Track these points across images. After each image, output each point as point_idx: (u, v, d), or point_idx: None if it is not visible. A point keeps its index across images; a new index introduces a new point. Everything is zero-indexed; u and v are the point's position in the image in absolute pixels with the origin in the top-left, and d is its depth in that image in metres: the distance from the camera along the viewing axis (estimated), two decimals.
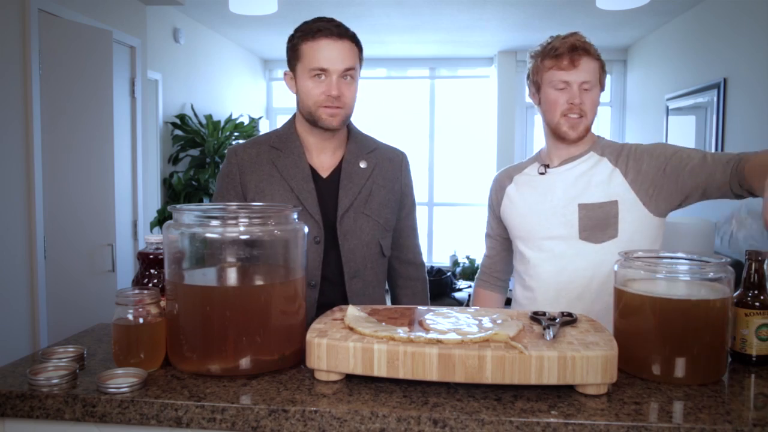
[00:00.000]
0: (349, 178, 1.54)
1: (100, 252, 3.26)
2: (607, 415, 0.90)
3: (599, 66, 1.48)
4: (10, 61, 2.72)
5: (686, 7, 4.68)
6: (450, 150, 7.08)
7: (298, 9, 4.65)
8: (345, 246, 1.51)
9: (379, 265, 1.59)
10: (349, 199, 1.52)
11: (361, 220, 1.53)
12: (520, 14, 5.00)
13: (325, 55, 1.43)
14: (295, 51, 1.47)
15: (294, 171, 1.51)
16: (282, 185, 1.50)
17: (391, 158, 1.63)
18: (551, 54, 1.47)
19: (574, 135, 1.48)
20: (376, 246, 1.56)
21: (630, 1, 3.47)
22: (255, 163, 1.53)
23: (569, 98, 1.45)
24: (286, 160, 1.52)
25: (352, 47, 1.47)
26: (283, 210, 1.14)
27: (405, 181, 1.65)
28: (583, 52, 1.45)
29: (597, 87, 1.48)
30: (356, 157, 1.56)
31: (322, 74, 1.44)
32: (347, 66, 1.45)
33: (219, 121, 5.13)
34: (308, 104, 1.47)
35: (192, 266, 1.10)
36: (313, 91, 1.45)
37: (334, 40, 1.44)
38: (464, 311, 1.16)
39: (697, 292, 1.08)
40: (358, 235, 1.52)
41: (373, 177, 1.56)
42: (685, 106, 4.73)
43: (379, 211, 1.56)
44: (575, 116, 1.46)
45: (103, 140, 3.27)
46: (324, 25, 1.45)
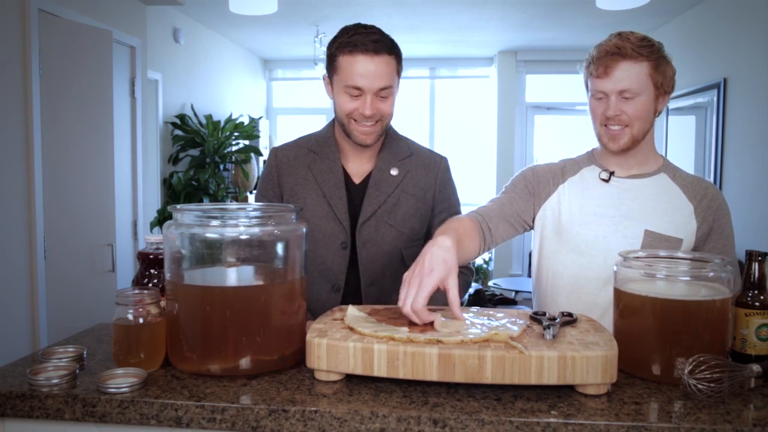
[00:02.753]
0: (376, 186, 1.51)
1: (100, 252, 3.26)
2: (607, 415, 0.90)
3: (650, 66, 1.32)
4: (10, 61, 2.72)
5: (686, 7, 4.69)
6: (450, 150, 7.05)
7: (298, 9, 4.65)
8: (363, 254, 1.50)
9: (399, 274, 1.55)
10: (372, 207, 1.50)
11: (383, 229, 1.51)
12: (520, 14, 5.00)
13: (360, 73, 1.37)
14: (332, 61, 1.43)
15: (328, 176, 1.51)
16: (315, 189, 1.50)
17: (427, 164, 1.58)
18: (589, 60, 1.37)
19: (614, 147, 1.37)
20: (398, 255, 1.53)
21: (630, 1, 3.47)
22: (292, 165, 1.54)
23: (605, 110, 1.35)
24: (322, 165, 1.52)
25: (389, 62, 1.40)
26: (283, 210, 1.14)
27: (440, 187, 1.59)
28: (619, 56, 1.31)
29: (645, 92, 1.33)
30: (388, 164, 1.53)
31: (356, 91, 1.40)
32: (383, 85, 1.39)
33: (219, 121, 5.13)
34: (341, 117, 1.46)
35: (192, 266, 1.10)
36: (346, 105, 1.42)
37: (370, 56, 1.37)
38: (467, 311, 1.16)
39: (697, 292, 1.08)
40: (378, 244, 1.50)
41: (402, 185, 1.53)
42: (685, 106, 4.73)
43: (404, 220, 1.52)
44: (616, 128, 1.35)
45: (103, 140, 3.27)
46: (361, 39, 1.38)
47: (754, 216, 3.72)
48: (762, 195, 3.62)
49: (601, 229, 1.40)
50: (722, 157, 4.13)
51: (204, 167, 4.86)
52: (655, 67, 1.33)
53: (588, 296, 1.41)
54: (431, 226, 1.57)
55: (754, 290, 1.10)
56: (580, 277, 1.42)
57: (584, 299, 1.42)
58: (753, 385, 1.03)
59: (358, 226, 1.49)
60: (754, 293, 1.10)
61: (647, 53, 1.32)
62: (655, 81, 1.34)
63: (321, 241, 1.49)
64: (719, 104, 4.14)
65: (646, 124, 1.37)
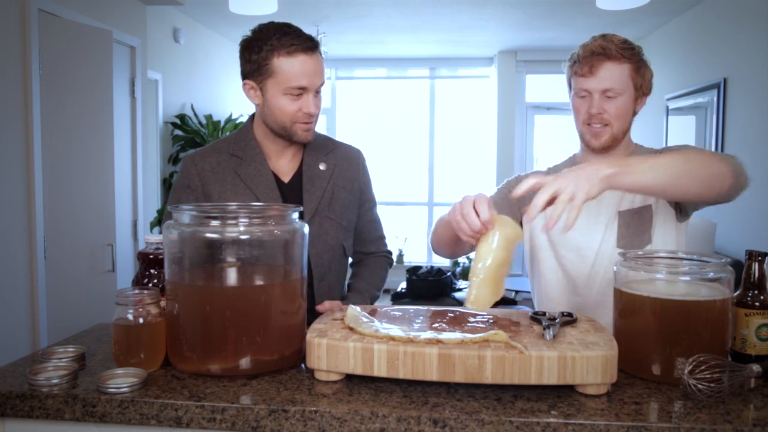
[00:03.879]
0: (311, 181, 1.51)
1: (100, 252, 3.26)
2: (607, 415, 0.90)
3: (631, 68, 1.36)
4: (10, 61, 2.72)
5: (686, 7, 4.69)
6: (450, 150, 7.08)
7: (298, 9, 4.65)
8: (312, 250, 1.48)
9: (341, 266, 1.59)
10: (313, 203, 1.50)
11: (326, 224, 1.52)
12: (520, 14, 5.00)
13: (303, 72, 1.38)
14: (264, 65, 1.40)
15: (258, 179, 1.48)
16: (246, 193, 1.47)
17: (349, 157, 1.60)
18: (573, 59, 1.41)
19: (597, 144, 1.40)
20: (340, 248, 1.55)
21: (630, 1, 3.47)
22: (217, 172, 1.49)
23: (588, 107, 1.38)
24: (249, 168, 1.49)
25: (321, 59, 1.43)
26: (283, 210, 1.14)
27: (363, 179, 1.62)
28: (604, 57, 1.35)
29: (626, 93, 1.37)
30: (315, 159, 1.54)
31: (299, 91, 1.39)
32: (322, 81, 1.43)
33: (219, 121, 5.13)
34: (282, 120, 1.43)
35: (192, 266, 1.10)
36: (288, 108, 1.41)
37: (309, 55, 1.39)
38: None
39: (697, 292, 1.08)
40: (323, 239, 1.51)
41: (333, 179, 1.54)
42: (685, 106, 4.73)
43: (342, 212, 1.55)
44: (598, 126, 1.39)
45: (103, 140, 3.27)
46: (297, 39, 1.38)
47: (754, 216, 3.72)
48: (762, 195, 3.62)
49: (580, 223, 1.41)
50: None
51: None
52: (636, 69, 1.38)
53: (578, 294, 1.44)
54: (359, 217, 1.61)
55: (754, 290, 1.10)
56: (569, 275, 1.45)
57: (573, 299, 1.45)
58: (753, 385, 1.03)
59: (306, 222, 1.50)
60: (754, 293, 1.10)
61: (629, 55, 1.37)
62: (635, 82, 1.38)
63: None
64: (719, 104, 4.14)
65: (625, 123, 1.41)
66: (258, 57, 1.41)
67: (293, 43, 1.37)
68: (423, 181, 6.99)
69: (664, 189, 1.18)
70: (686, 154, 1.20)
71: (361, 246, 1.65)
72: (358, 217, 1.61)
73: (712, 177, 1.18)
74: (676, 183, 1.16)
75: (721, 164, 1.20)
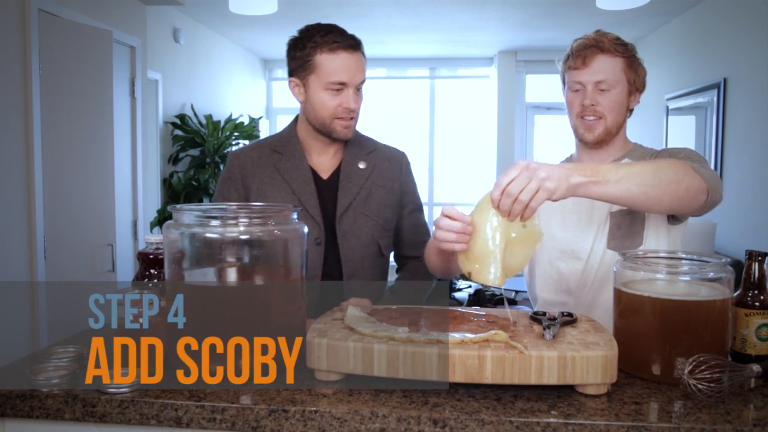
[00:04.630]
0: (348, 178, 1.55)
1: (100, 252, 3.26)
2: (607, 415, 0.90)
3: (624, 63, 1.37)
4: (10, 61, 2.72)
5: (686, 7, 4.69)
6: (450, 150, 7.08)
7: (298, 9, 4.65)
8: (344, 245, 1.53)
9: (377, 265, 1.60)
10: (348, 199, 1.53)
11: (360, 220, 1.54)
12: (520, 14, 5.00)
13: (344, 68, 1.44)
14: (307, 61, 1.46)
15: (295, 173, 1.53)
16: (283, 187, 1.52)
17: (390, 158, 1.64)
18: (567, 54, 1.42)
19: (590, 137, 1.41)
20: (375, 245, 1.57)
21: (630, 1, 3.47)
22: (257, 165, 1.55)
23: (581, 100, 1.39)
24: (288, 163, 1.54)
25: (363, 58, 1.49)
26: (283, 210, 1.14)
27: (404, 180, 1.65)
28: (597, 49, 1.36)
29: (619, 86, 1.38)
30: (355, 158, 1.58)
31: (339, 86, 1.45)
32: (363, 79, 1.48)
33: (219, 121, 5.13)
34: (322, 116, 1.48)
35: (192, 266, 1.10)
36: (329, 103, 1.47)
37: (351, 53, 1.46)
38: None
39: (697, 292, 1.08)
40: (357, 235, 1.54)
41: (372, 177, 1.58)
42: (685, 106, 4.73)
43: (378, 210, 1.57)
44: (591, 118, 1.39)
45: (103, 140, 3.27)
46: (339, 37, 1.45)
47: (754, 216, 3.72)
48: (762, 195, 3.63)
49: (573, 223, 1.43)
50: (722, 157, 4.13)
51: (204, 167, 4.86)
52: (629, 65, 1.39)
53: (571, 294, 1.45)
54: (401, 218, 1.63)
55: (754, 290, 1.10)
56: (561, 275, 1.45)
57: (566, 299, 1.45)
58: (753, 385, 1.03)
59: (338, 217, 1.52)
60: (754, 293, 1.10)
61: (622, 50, 1.38)
62: (628, 77, 1.39)
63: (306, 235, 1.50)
64: (719, 104, 4.14)
65: (619, 117, 1.41)
66: (302, 54, 1.47)
67: (335, 41, 1.44)
68: (423, 181, 6.99)
69: (632, 202, 1.17)
70: (661, 166, 1.18)
71: (403, 249, 1.67)
72: (400, 219, 1.63)
73: (685, 192, 1.17)
74: (647, 197, 1.14)
75: (695, 180, 1.18)
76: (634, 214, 1.39)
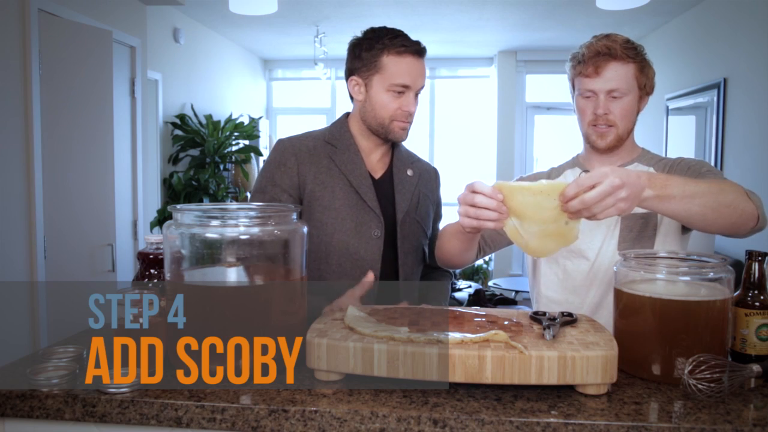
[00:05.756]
0: (402, 183, 1.57)
1: (100, 252, 3.26)
2: (607, 415, 0.90)
3: (636, 68, 1.37)
4: (10, 61, 2.72)
5: (686, 7, 4.69)
6: (450, 150, 7.08)
7: (298, 9, 4.65)
8: (402, 248, 1.53)
9: (419, 270, 1.62)
10: (405, 203, 1.55)
11: (414, 226, 1.57)
12: (520, 14, 5.00)
13: (409, 72, 1.47)
14: (373, 61, 1.48)
15: (351, 167, 1.53)
16: (341, 179, 1.51)
17: (429, 170, 1.69)
18: (577, 59, 1.41)
19: (602, 144, 1.40)
20: (422, 252, 1.60)
21: (630, 1, 3.47)
22: (313, 155, 1.54)
23: (594, 108, 1.38)
24: (343, 156, 1.54)
25: (424, 64, 1.52)
26: (283, 210, 1.14)
27: (438, 192, 1.72)
28: (609, 57, 1.35)
29: (631, 93, 1.37)
30: (404, 164, 1.61)
31: (402, 88, 1.47)
32: (423, 84, 1.51)
33: (219, 121, 5.13)
34: (382, 116, 1.49)
35: (192, 266, 1.10)
36: (390, 104, 1.48)
37: (416, 58, 1.49)
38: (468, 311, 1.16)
39: (697, 292, 1.08)
40: (411, 240, 1.56)
41: (419, 186, 1.60)
42: (685, 106, 4.73)
43: (425, 218, 1.60)
44: (603, 127, 1.39)
45: (103, 140, 3.27)
46: (407, 41, 1.48)
47: None
48: (762, 195, 3.62)
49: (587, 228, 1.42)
50: (722, 157, 4.13)
51: (204, 167, 4.86)
52: (640, 69, 1.38)
53: (577, 294, 1.45)
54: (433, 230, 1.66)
55: (754, 290, 1.10)
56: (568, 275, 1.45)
57: (572, 299, 1.45)
58: (753, 385, 1.03)
59: (399, 221, 1.53)
60: (754, 293, 1.10)
61: (633, 55, 1.37)
62: (639, 82, 1.38)
63: (352, 230, 1.50)
64: (719, 104, 4.14)
65: (629, 123, 1.41)
66: (369, 54, 1.49)
67: (404, 44, 1.47)
68: None
69: (688, 220, 1.17)
70: (723, 189, 1.16)
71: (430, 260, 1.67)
72: (433, 229, 1.66)
73: (739, 218, 1.17)
74: (704, 218, 1.14)
75: (749, 206, 1.18)
76: (647, 219, 1.39)
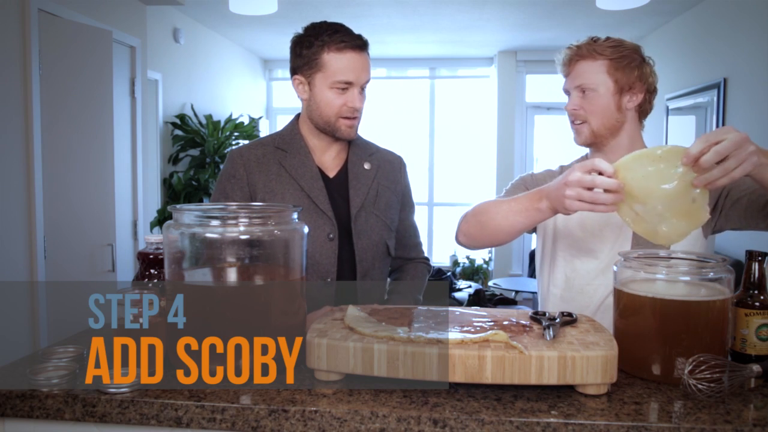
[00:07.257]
0: (356, 178, 1.55)
1: (100, 252, 3.26)
2: (607, 415, 0.90)
3: (608, 64, 1.37)
4: (10, 61, 2.72)
5: (686, 7, 4.68)
6: (450, 150, 7.08)
7: (298, 9, 4.65)
8: (358, 245, 1.52)
9: (384, 265, 1.61)
10: (360, 198, 1.54)
11: (371, 220, 1.55)
12: (520, 14, 5.00)
13: (351, 68, 1.45)
14: (314, 59, 1.46)
15: (302, 170, 1.52)
16: (291, 184, 1.51)
17: (391, 161, 1.66)
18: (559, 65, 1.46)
19: (578, 141, 1.44)
20: (384, 245, 1.58)
21: (630, 1, 3.47)
22: (262, 163, 1.53)
23: (567, 105, 1.44)
24: (293, 160, 1.53)
25: (368, 58, 1.50)
26: (283, 210, 1.14)
27: (405, 182, 1.68)
28: (578, 57, 1.39)
29: (602, 88, 1.37)
30: (360, 158, 1.59)
31: (345, 85, 1.45)
32: (368, 79, 1.49)
33: (219, 121, 5.13)
34: (327, 114, 1.48)
35: (192, 266, 1.10)
36: (334, 102, 1.47)
37: (358, 53, 1.46)
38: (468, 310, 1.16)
39: (697, 292, 1.08)
40: (368, 235, 1.54)
41: (377, 178, 1.58)
42: (685, 106, 4.73)
43: (386, 211, 1.58)
44: (577, 123, 1.42)
45: (103, 140, 3.27)
46: (347, 37, 1.46)
47: None
48: None
49: (595, 222, 1.43)
50: None
51: (204, 167, 4.86)
52: (615, 65, 1.37)
53: (584, 294, 1.44)
54: (401, 220, 1.65)
55: (754, 290, 1.10)
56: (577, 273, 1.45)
57: (579, 298, 1.45)
58: (753, 385, 1.03)
59: (353, 217, 1.52)
60: (754, 293, 1.10)
61: (609, 52, 1.37)
62: (614, 77, 1.37)
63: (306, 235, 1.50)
64: (719, 104, 4.14)
65: (606, 119, 1.40)
66: (309, 52, 1.47)
67: (343, 40, 1.45)
68: (423, 181, 6.98)
69: None
70: None
71: (401, 251, 1.68)
72: (399, 221, 1.65)
73: None
74: None
75: None
76: None
